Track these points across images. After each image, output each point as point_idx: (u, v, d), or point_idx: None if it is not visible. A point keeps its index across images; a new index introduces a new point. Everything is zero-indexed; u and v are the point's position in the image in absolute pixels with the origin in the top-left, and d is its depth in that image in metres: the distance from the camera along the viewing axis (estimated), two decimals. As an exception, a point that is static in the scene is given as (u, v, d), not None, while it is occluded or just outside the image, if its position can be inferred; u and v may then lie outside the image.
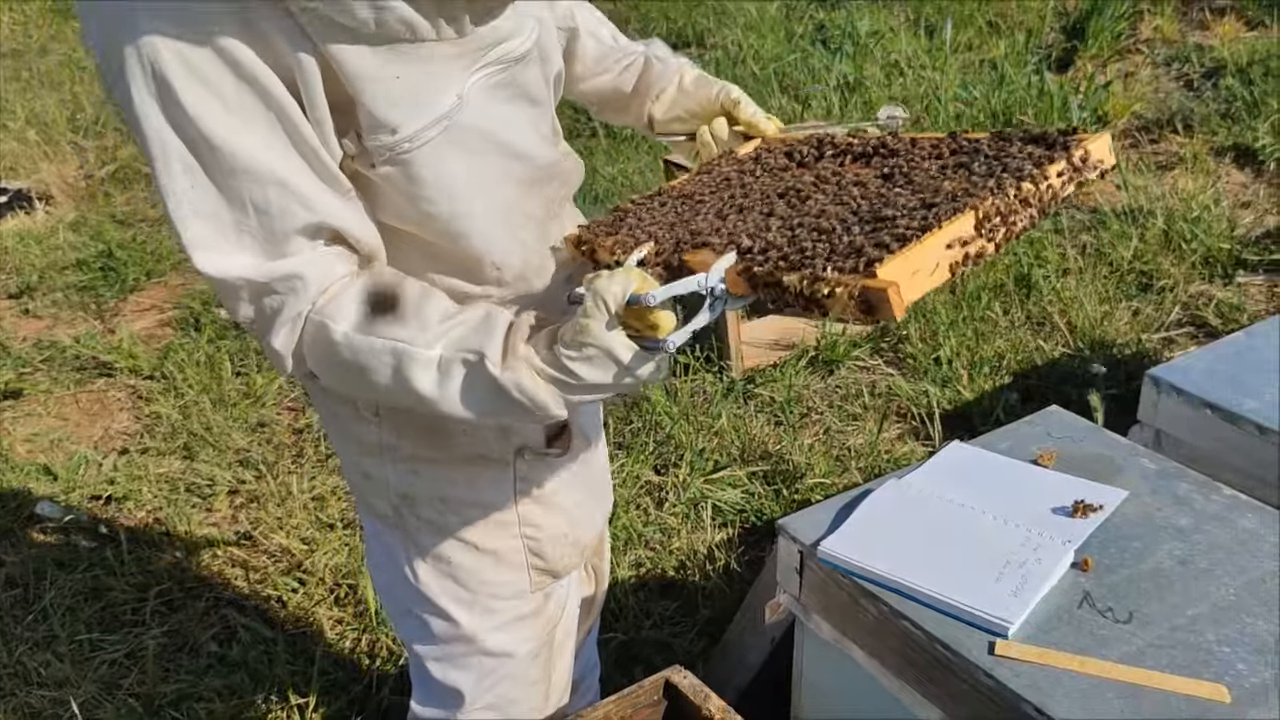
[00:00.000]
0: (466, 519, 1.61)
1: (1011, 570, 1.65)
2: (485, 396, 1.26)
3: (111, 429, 3.82)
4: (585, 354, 1.21)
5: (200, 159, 1.19)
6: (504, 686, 1.73)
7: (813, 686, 1.89)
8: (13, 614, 2.90)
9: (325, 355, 1.29)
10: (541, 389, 1.24)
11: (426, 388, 1.26)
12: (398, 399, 1.29)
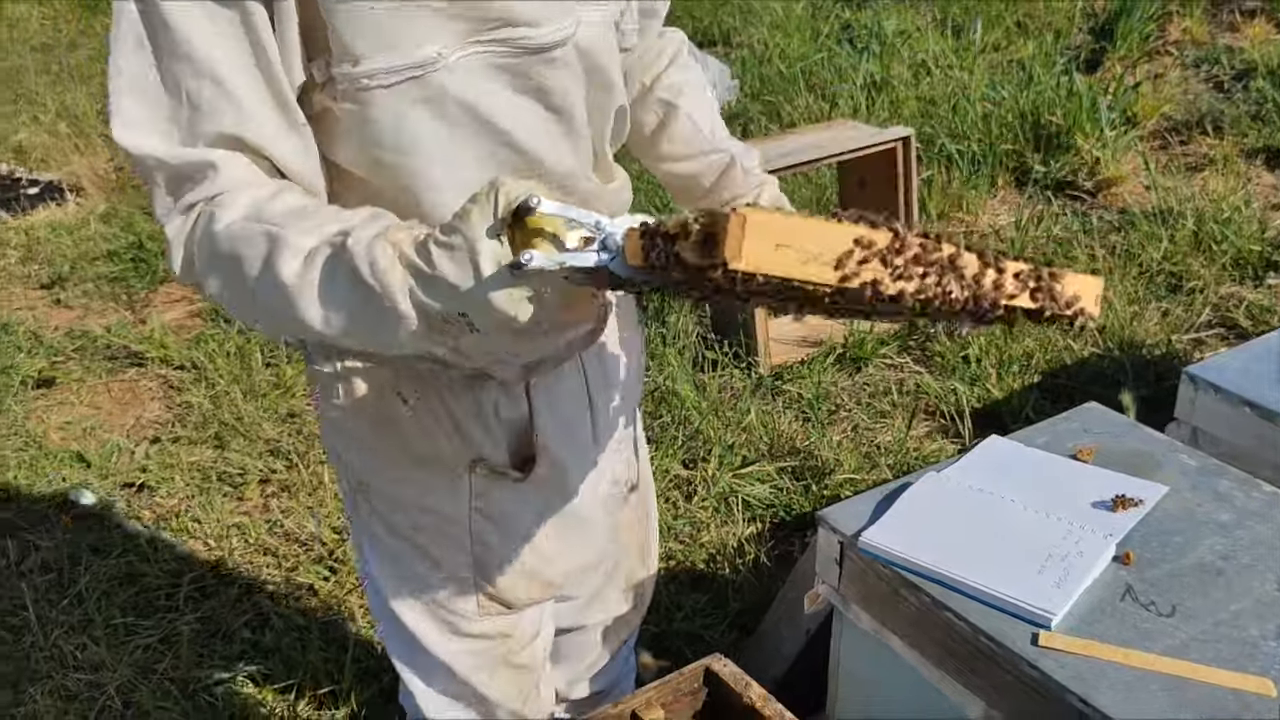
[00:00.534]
0: (416, 523, 1.56)
1: (1053, 563, 1.65)
2: (342, 284, 1.13)
3: (143, 418, 3.85)
4: (451, 242, 1.07)
5: (153, 39, 1.16)
6: (452, 689, 1.71)
7: (850, 678, 1.90)
8: (48, 598, 2.93)
9: (206, 250, 1.20)
10: (396, 274, 1.10)
11: (288, 275, 1.14)
12: (264, 300, 1.17)
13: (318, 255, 1.14)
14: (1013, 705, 1.57)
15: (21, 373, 4.02)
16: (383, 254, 1.10)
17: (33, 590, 2.94)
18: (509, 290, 1.06)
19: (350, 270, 1.12)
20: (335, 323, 1.15)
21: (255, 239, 1.16)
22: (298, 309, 1.15)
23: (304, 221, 1.17)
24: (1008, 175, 4.79)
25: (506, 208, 1.06)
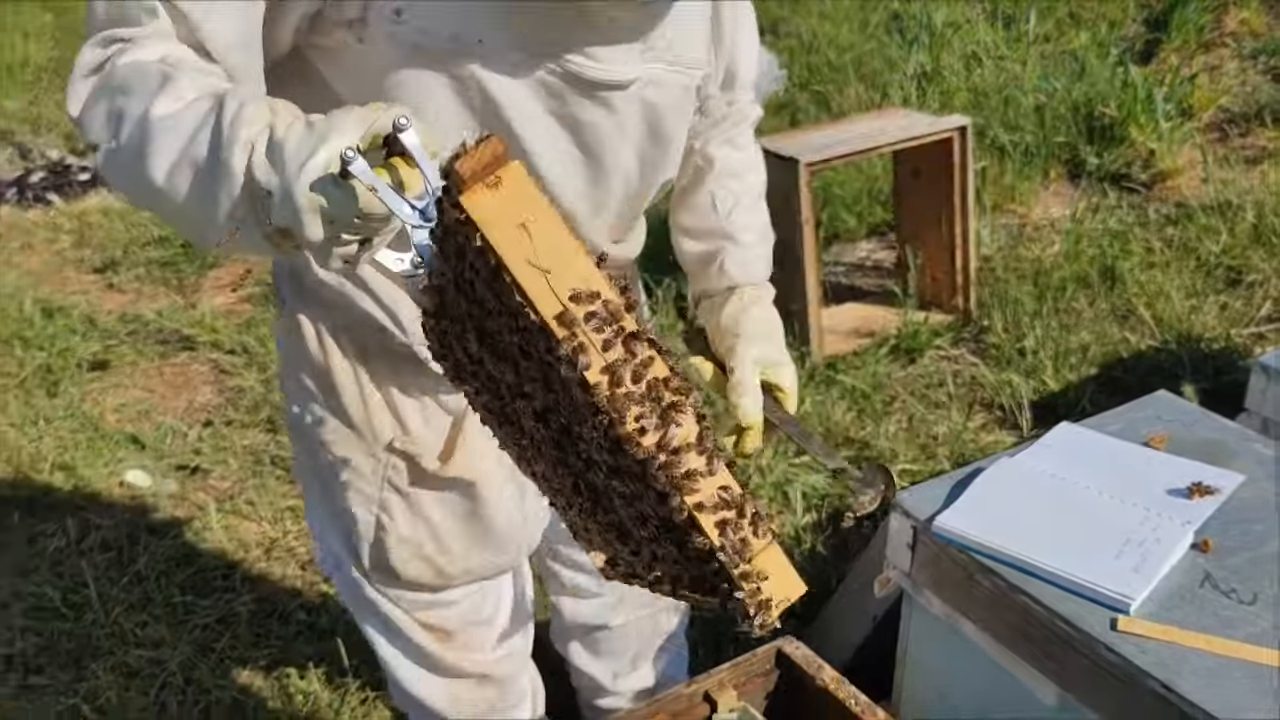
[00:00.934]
0: (334, 470, 1.58)
1: (1131, 548, 1.63)
2: (200, 135, 1.06)
3: (195, 401, 3.88)
4: (314, 123, 1.01)
5: None
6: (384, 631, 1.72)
7: (918, 664, 1.89)
8: (108, 576, 2.96)
9: (104, 82, 1.15)
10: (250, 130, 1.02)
11: (158, 112, 1.08)
12: (128, 142, 1.11)
13: (198, 104, 1.08)
14: (1089, 690, 1.56)
15: (77, 355, 4.06)
16: (254, 111, 1.04)
17: (93, 568, 2.98)
18: (319, 193, 0.98)
19: (214, 116, 1.05)
20: (174, 180, 1.07)
21: (150, 76, 1.11)
22: (149, 151, 1.08)
23: (204, 77, 1.12)
24: (1060, 168, 4.73)
25: (378, 128, 0.99)
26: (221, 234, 1.07)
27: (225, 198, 1.04)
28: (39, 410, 3.78)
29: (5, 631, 2.81)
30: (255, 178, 1.02)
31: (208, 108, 1.06)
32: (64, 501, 3.30)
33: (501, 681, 1.80)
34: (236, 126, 1.03)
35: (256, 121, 1.03)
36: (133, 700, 2.58)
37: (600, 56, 1.28)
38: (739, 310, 1.57)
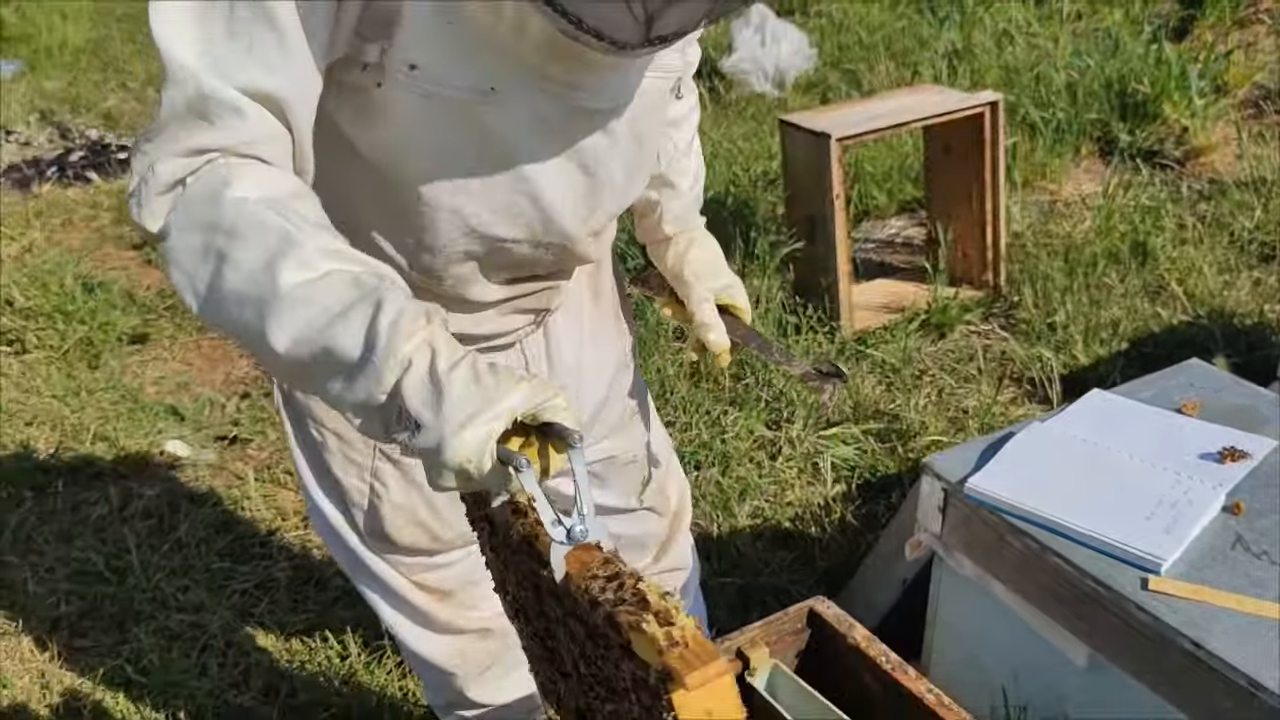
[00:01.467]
0: (325, 441, 1.59)
1: (1163, 510, 1.65)
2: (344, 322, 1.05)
3: (233, 374, 3.94)
4: (482, 379, 1.03)
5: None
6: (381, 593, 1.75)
7: (948, 626, 1.91)
8: (150, 543, 3.03)
9: (202, 210, 1.11)
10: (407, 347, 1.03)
11: (287, 282, 1.06)
12: (238, 288, 1.09)
13: (334, 281, 1.07)
14: (1120, 649, 1.58)
15: (117, 329, 4.13)
16: (412, 323, 1.04)
17: (135, 535, 3.04)
18: (470, 446, 1.01)
19: (368, 316, 1.05)
20: (297, 353, 1.07)
21: (268, 229, 1.09)
22: (272, 317, 1.07)
23: (325, 239, 1.11)
24: (1092, 145, 4.71)
25: (529, 410, 1.03)
26: (336, 402, 1.09)
27: (362, 395, 1.06)
28: (80, 382, 3.85)
29: (50, 595, 2.88)
30: (406, 403, 1.03)
31: (351, 296, 1.06)
32: (106, 470, 3.37)
33: (504, 634, 1.83)
34: (394, 339, 1.03)
35: (415, 335, 1.04)
36: (174, 662, 2.63)
37: (602, 87, 1.32)
38: (679, 257, 1.78)
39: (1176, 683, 1.50)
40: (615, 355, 1.81)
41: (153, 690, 2.56)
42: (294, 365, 1.09)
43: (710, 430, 3.19)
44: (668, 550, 2.01)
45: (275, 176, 1.15)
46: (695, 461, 3.10)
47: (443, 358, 1.03)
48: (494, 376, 1.04)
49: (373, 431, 1.09)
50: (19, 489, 3.32)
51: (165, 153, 1.13)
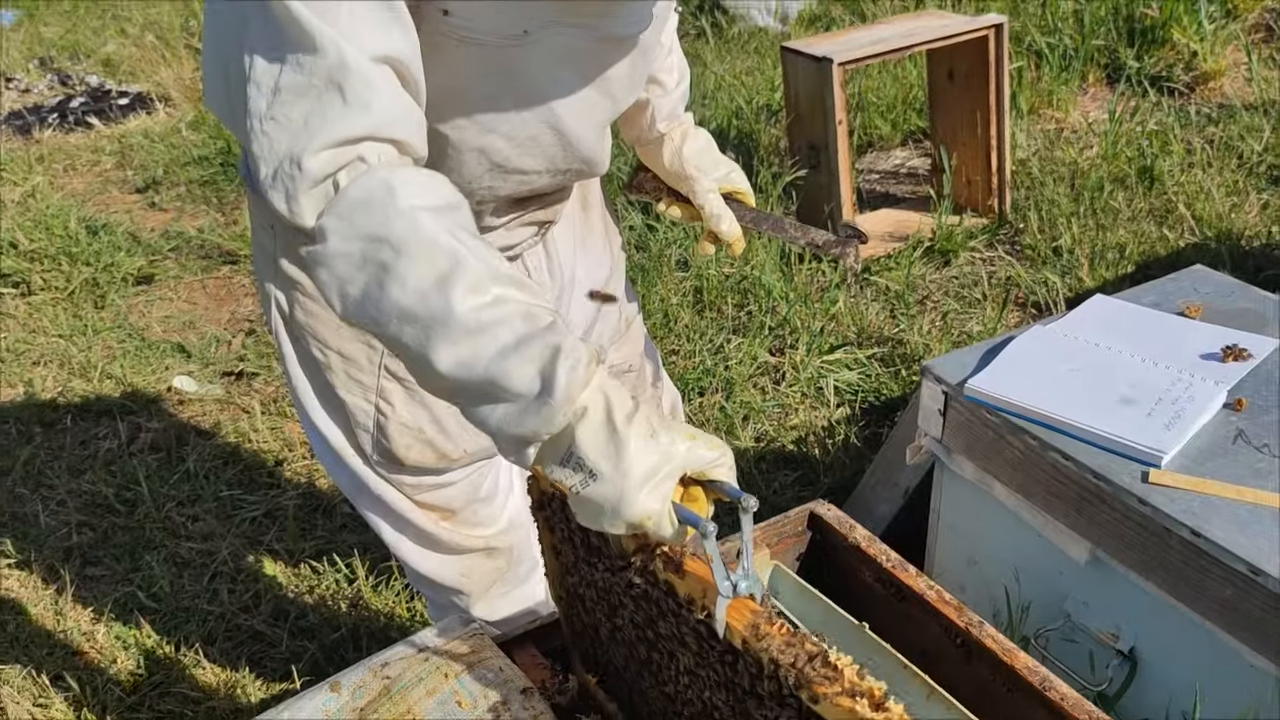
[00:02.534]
0: (330, 361, 1.59)
1: (1163, 407, 1.65)
2: (516, 356, 1.06)
3: (238, 313, 3.95)
4: (658, 435, 1.06)
5: (283, 35, 1.12)
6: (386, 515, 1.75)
7: (950, 530, 1.92)
8: (159, 474, 3.05)
9: (362, 221, 1.10)
10: (577, 391, 1.05)
11: (461, 306, 1.06)
12: (401, 302, 1.09)
13: (506, 311, 1.08)
14: (1120, 544, 1.58)
15: (122, 270, 4.13)
16: (587, 371, 1.06)
17: (144, 468, 3.06)
18: (652, 503, 1.05)
19: (543, 355, 1.06)
20: (459, 372, 1.08)
21: (438, 249, 1.08)
22: (437, 338, 1.08)
23: (490, 259, 1.10)
24: (1099, 71, 4.66)
25: (697, 469, 1.08)
26: (476, 423, 1.11)
27: (524, 430, 1.07)
28: (87, 322, 3.86)
29: (62, 527, 2.90)
30: (580, 449, 1.06)
31: (524, 331, 1.07)
32: (114, 406, 3.38)
33: (509, 551, 1.84)
34: (572, 386, 1.05)
35: (590, 382, 1.07)
36: (185, 588, 2.66)
37: (634, 11, 1.34)
38: (675, 153, 1.77)
39: (1177, 574, 1.51)
40: (606, 262, 1.81)
41: (165, 615, 2.59)
42: (450, 383, 1.10)
43: (714, 357, 3.19)
44: None
45: (436, 185, 1.14)
46: (699, 388, 3.10)
47: (618, 409, 1.07)
48: (668, 432, 1.07)
49: (518, 459, 1.12)
50: (28, 426, 3.34)
51: (309, 145, 1.11)
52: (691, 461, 1.08)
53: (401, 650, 1.50)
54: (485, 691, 1.38)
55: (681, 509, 1.09)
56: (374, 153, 1.12)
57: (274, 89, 1.12)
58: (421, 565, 1.81)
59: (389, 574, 2.57)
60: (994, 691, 1.47)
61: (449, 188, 1.16)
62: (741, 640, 1.12)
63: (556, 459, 1.09)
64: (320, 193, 1.12)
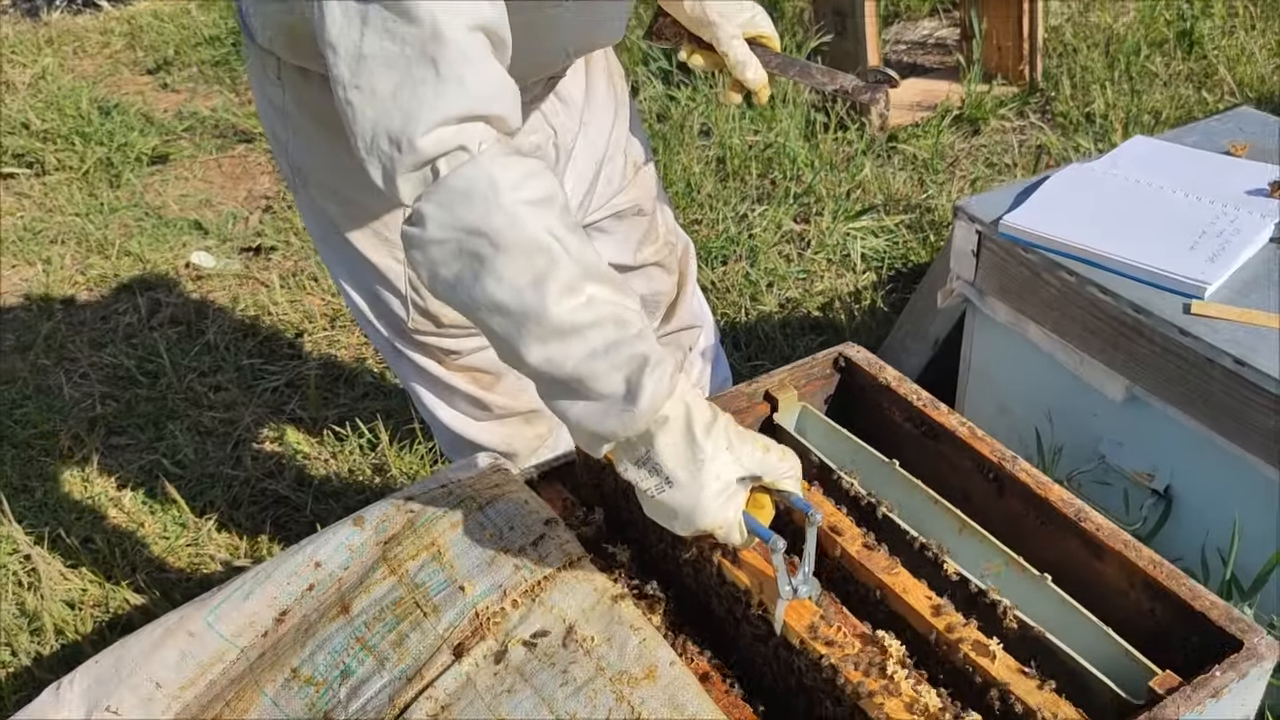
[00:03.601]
0: (352, 218, 1.53)
1: (1207, 240, 1.59)
2: (605, 360, 1.09)
3: (254, 190, 3.90)
4: (740, 450, 1.13)
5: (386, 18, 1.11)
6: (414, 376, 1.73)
7: (981, 376, 1.88)
8: (180, 347, 3.04)
9: (461, 212, 1.10)
10: (661, 400, 1.09)
11: (557, 307, 1.08)
12: (494, 294, 1.10)
13: (596, 309, 1.10)
14: (1159, 378, 1.54)
15: (136, 150, 4.07)
16: (670, 383, 1.10)
17: (164, 340, 3.05)
18: (726, 513, 1.14)
19: (631, 363, 1.09)
20: (546, 367, 1.11)
21: (536, 248, 1.09)
22: (529, 334, 1.10)
23: (585, 255, 1.11)
24: (1138, -65, 4.48)
25: (772, 484, 1.18)
26: (556, 413, 1.15)
27: (605, 429, 1.11)
28: (102, 201, 3.82)
29: (86, 398, 2.90)
30: (659, 456, 1.12)
31: (614, 336, 1.09)
32: (132, 282, 3.36)
33: (551, 417, 1.82)
34: (658, 396, 1.09)
35: (674, 392, 1.10)
36: (210, 455, 2.66)
37: None
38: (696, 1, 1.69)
39: (1218, 406, 1.47)
40: (610, 110, 1.76)
41: (190, 481, 2.60)
42: (534, 374, 1.14)
43: (737, 225, 3.13)
44: (677, 309, 1.99)
45: (537, 176, 1.12)
46: (723, 256, 3.05)
47: (698, 419, 1.11)
48: (744, 444, 1.14)
49: (590, 451, 1.16)
50: (48, 303, 3.32)
51: (406, 127, 1.10)
52: (765, 473, 1.16)
53: (426, 486, 1.48)
54: (510, 523, 1.36)
55: (751, 520, 1.17)
56: (475, 139, 1.11)
57: (357, 55, 1.10)
58: (465, 432, 1.78)
59: (412, 438, 2.56)
60: (1027, 525, 1.45)
61: (549, 178, 1.14)
62: (800, 640, 1.19)
63: (632, 459, 1.14)
64: (419, 177, 1.12)
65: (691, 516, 1.14)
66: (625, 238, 1.85)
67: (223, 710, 1.35)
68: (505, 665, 1.22)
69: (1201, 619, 1.25)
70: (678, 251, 1.95)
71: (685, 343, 2.05)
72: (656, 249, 1.90)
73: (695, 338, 2.04)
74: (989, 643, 1.24)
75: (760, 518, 1.19)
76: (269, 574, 1.40)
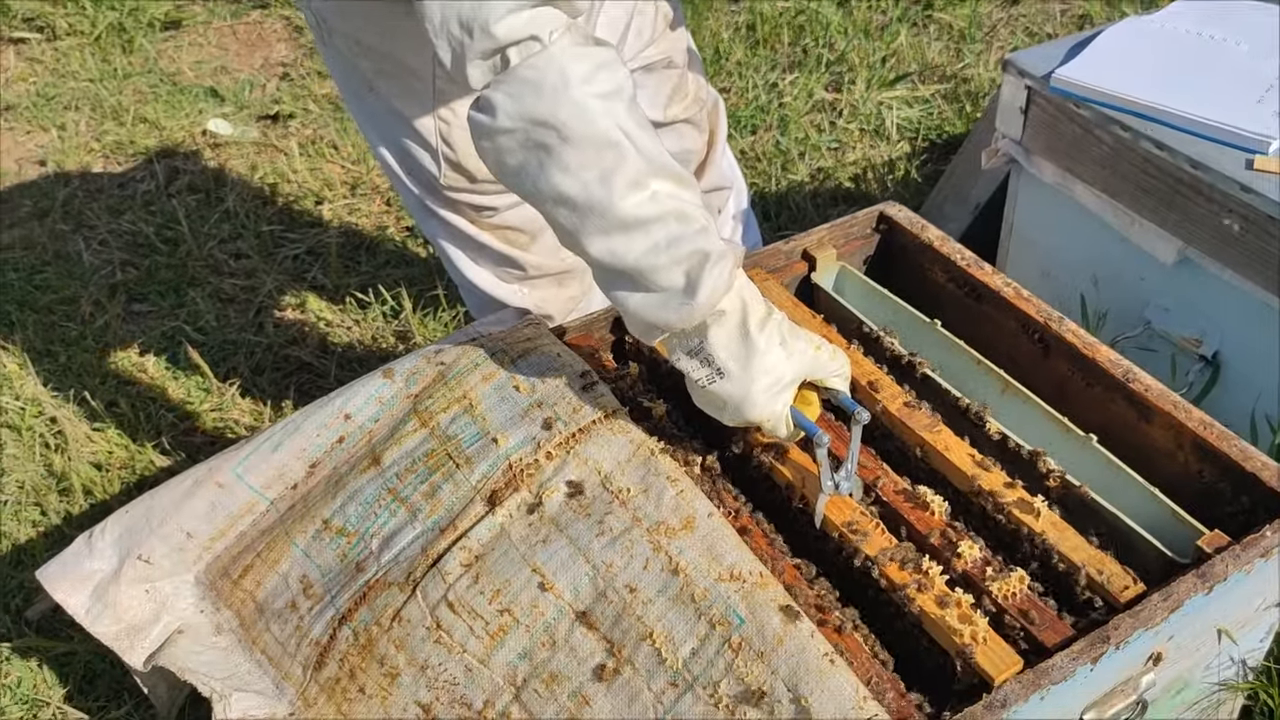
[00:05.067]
0: (382, 71, 1.49)
1: (1273, 94, 1.51)
2: (668, 250, 1.11)
3: (271, 57, 3.80)
4: (791, 342, 1.17)
5: None
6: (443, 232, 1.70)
7: (1024, 240, 1.82)
8: (199, 214, 2.99)
9: (531, 103, 1.10)
10: (720, 296, 1.13)
11: (623, 201, 1.10)
12: (565, 193, 1.12)
13: (660, 203, 1.11)
14: (1215, 239, 1.48)
15: (148, 14, 3.96)
16: (729, 278, 1.13)
17: (183, 208, 3.00)
18: (774, 406, 1.16)
19: (692, 258, 1.11)
20: (608, 258, 1.13)
21: (604, 141, 1.10)
22: (591, 226, 1.12)
23: (651, 148, 1.12)
24: None
25: (821, 382, 1.21)
26: (614, 301, 1.18)
27: (661, 320, 1.14)
28: (116, 66, 3.73)
29: (105, 265, 2.87)
30: (713, 349, 1.14)
31: (677, 232, 1.11)
32: (149, 149, 3.30)
33: (581, 278, 1.78)
34: (716, 291, 1.12)
35: (731, 288, 1.13)
36: (231, 321, 2.64)
37: None
38: None
39: (1277, 266, 1.41)
40: None
41: (212, 347, 2.58)
42: (594, 263, 1.16)
43: (768, 94, 3.04)
44: (706, 169, 1.93)
45: (607, 67, 1.12)
46: (752, 126, 2.97)
47: (753, 314, 1.14)
48: (796, 340, 1.17)
49: (644, 339, 1.19)
50: (64, 168, 3.27)
51: (489, 7, 1.09)
52: (814, 370, 1.18)
53: (456, 339, 1.45)
54: (543, 376, 1.33)
55: (799, 415, 1.19)
56: (547, 28, 1.10)
57: None
58: (495, 292, 1.75)
59: (436, 305, 2.52)
60: (1072, 386, 1.41)
61: (620, 70, 1.14)
62: (839, 534, 1.20)
63: (686, 350, 1.16)
64: (489, 65, 1.12)
65: (740, 408, 1.16)
66: (655, 91, 1.78)
67: (254, 561, 1.35)
68: (540, 516, 1.21)
69: (1253, 480, 1.23)
70: (707, 107, 1.88)
71: (715, 204, 2.00)
72: (686, 105, 1.83)
73: (725, 199, 1.99)
74: (1033, 500, 1.22)
75: (808, 414, 1.21)
76: (298, 426, 1.38)
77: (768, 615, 1.05)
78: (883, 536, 1.19)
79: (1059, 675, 1.03)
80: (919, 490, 1.23)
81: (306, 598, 1.29)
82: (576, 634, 1.12)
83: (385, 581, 1.24)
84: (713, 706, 1.02)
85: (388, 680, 1.19)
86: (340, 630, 1.25)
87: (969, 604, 1.11)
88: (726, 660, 1.04)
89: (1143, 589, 1.12)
